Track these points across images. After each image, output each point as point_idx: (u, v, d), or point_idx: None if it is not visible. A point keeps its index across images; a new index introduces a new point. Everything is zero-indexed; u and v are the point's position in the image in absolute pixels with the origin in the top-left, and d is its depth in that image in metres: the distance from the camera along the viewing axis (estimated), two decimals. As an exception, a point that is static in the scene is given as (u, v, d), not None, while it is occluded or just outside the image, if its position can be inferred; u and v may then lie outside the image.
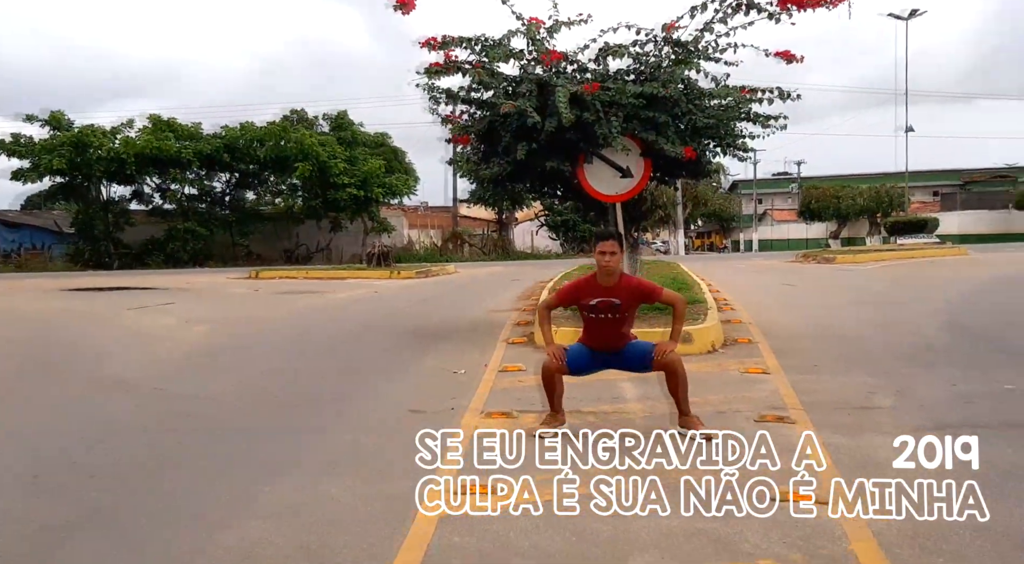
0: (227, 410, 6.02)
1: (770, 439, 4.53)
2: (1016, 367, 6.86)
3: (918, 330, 9.25)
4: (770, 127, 8.89)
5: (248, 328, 11.27)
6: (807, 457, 4.29)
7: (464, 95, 9.02)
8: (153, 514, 3.79)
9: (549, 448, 4.52)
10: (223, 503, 3.90)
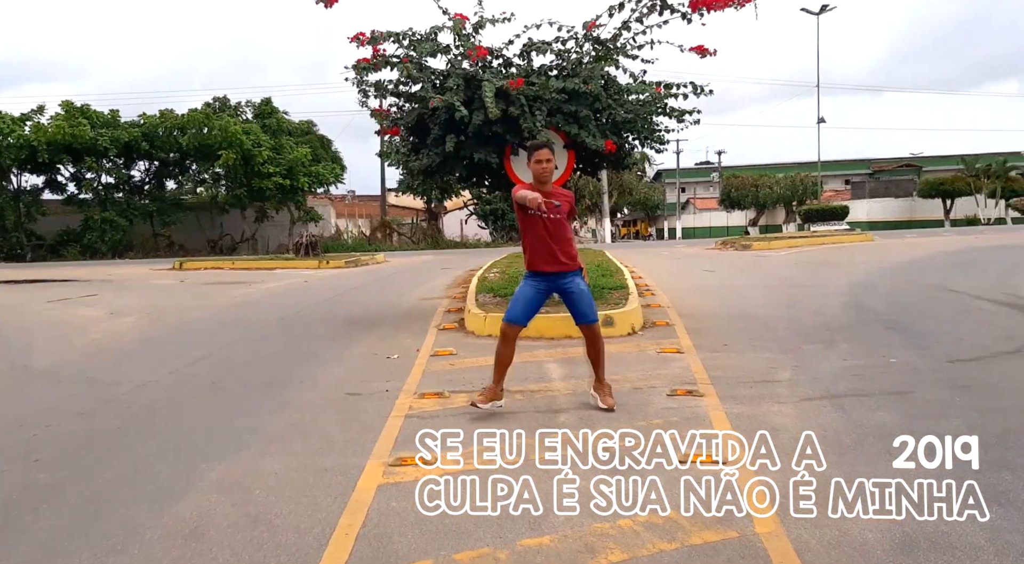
0: (164, 396, 6.17)
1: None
2: (902, 343, 7.54)
3: (820, 310, 9.96)
4: (684, 121, 9.41)
5: (177, 318, 11.27)
6: (711, 426, 4.79)
7: (393, 89, 9.26)
8: (103, 491, 4.00)
9: (482, 425, 4.91)
10: (170, 479, 4.12)
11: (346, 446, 4.59)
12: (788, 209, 59.30)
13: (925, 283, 13.01)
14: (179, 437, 4.96)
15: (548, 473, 3.99)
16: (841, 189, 67.43)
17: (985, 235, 30.85)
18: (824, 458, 4.10)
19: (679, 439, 4.53)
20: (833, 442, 4.43)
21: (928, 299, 11.06)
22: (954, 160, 58.93)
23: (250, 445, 4.70)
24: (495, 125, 8.57)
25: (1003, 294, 11.14)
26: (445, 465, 4.15)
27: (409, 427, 4.93)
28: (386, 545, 3.25)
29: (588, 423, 4.94)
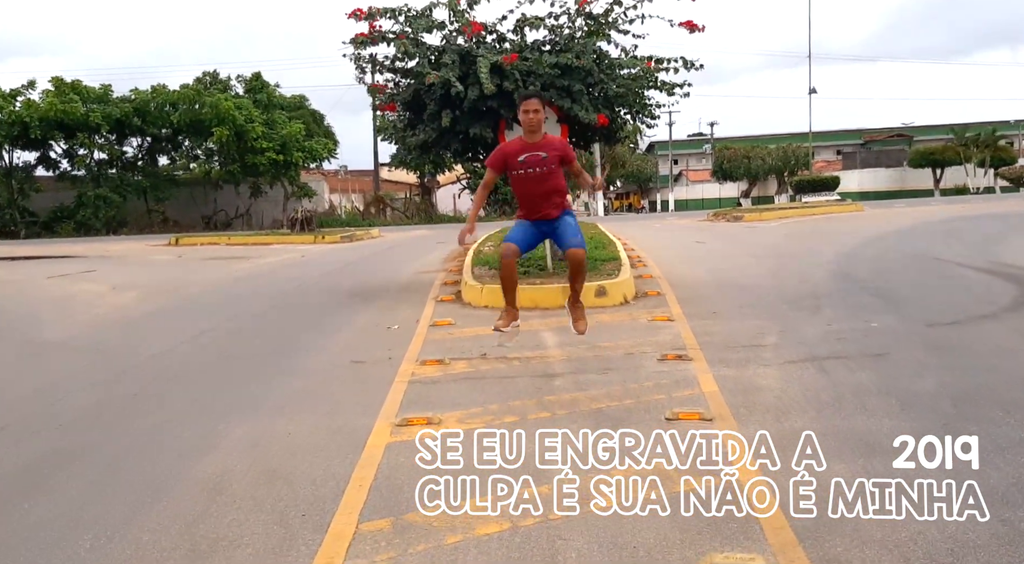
0: (175, 365, 6.43)
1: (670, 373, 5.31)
2: (884, 309, 7.83)
3: (807, 278, 10.25)
4: (675, 95, 9.61)
5: (180, 293, 11.48)
6: (699, 387, 5.08)
7: (389, 64, 9.43)
8: (127, 452, 4.26)
9: (483, 386, 5.18)
10: (191, 440, 4.39)
11: (354, 408, 4.86)
12: (780, 180, 59.47)
13: (910, 252, 13.31)
14: (195, 402, 5.23)
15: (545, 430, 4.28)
16: (833, 160, 67.53)
17: (973, 204, 31.14)
18: (804, 414, 4.41)
19: (669, 400, 4.83)
20: (813, 400, 4.72)
21: (912, 267, 11.34)
22: (944, 130, 59.13)
23: (264, 408, 4.97)
24: (490, 100, 8.76)
25: (985, 262, 11.44)
26: (449, 426, 4.43)
27: (413, 391, 5.20)
28: (396, 495, 3.52)
29: (582, 386, 5.22)
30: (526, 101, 5.19)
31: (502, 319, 5.42)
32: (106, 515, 3.46)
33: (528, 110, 5.15)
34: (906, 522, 3.10)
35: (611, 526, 3.12)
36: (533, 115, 5.15)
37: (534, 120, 5.16)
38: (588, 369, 5.67)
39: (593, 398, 4.92)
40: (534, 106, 5.16)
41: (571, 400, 4.88)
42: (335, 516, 3.33)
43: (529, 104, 5.16)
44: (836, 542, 3.04)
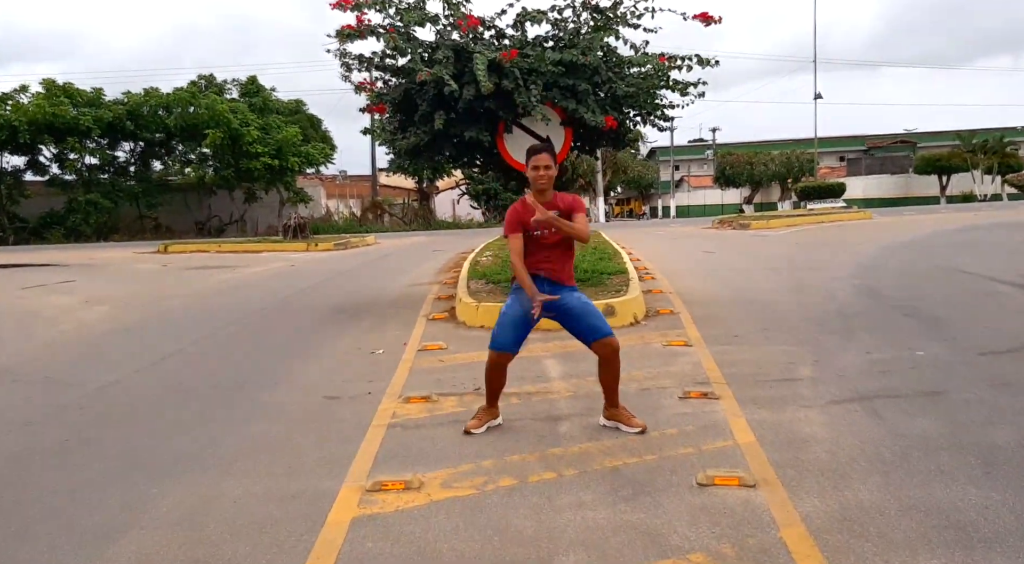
0: (123, 401, 5.60)
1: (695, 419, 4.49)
2: (924, 333, 7.01)
3: (831, 295, 9.42)
4: (689, 95, 8.80)
5: (153, 307, 10.67)
6: (732, 437, 4.25)
7: (378, 62, 8.62)
8: (29, 526, 3.43)
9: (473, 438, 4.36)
10: (112, 510, 3.56)
11: (319, 465, 4.03)
12: (783, 186, 58.70)
13: (935, 264, 12.48)
14: (131, 454, 4.40)
15: (551, 502, 3.46)
16: (836, 166, 66.82)
17: (983, 212, 30.37)
18: (868, 479, 3.59)
19: (699, 454, 4.01)
20: (874, 457, 3.89)
21: (942, 282, 10.53)
22: (948, 136, 58.38)
23: (210, 464, 4.14)
24: (487, 100, 7.96)
25: (1018, 276, 10.62)
26: (431, 491, 3.61)
27: (391, 440, 4.38)
28: (359, 600, 2.70)
29: (593, 435, 4.40)
30: (536, 156, 4.37)
31: (477, 419, 4.51)
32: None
33: (539, 166, 4.34)
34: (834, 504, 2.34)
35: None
36: (544, 172, 4.34)
37: (545, 178, 4.36)
38: (599, 410, 4.82)
39: (607, 451, 4.10)
40: (545, 161, 4.35)
41: (581, 454, 4.06)
42: (272, 638, 2.50)
43: (540, 159, 4.36)
44: None
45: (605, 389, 4.48)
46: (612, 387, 4.45)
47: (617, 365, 4.40)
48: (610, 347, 4.34)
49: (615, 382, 4.44)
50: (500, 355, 4.39)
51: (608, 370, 4.41)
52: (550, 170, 4.35)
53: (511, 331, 4.38)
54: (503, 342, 4.38)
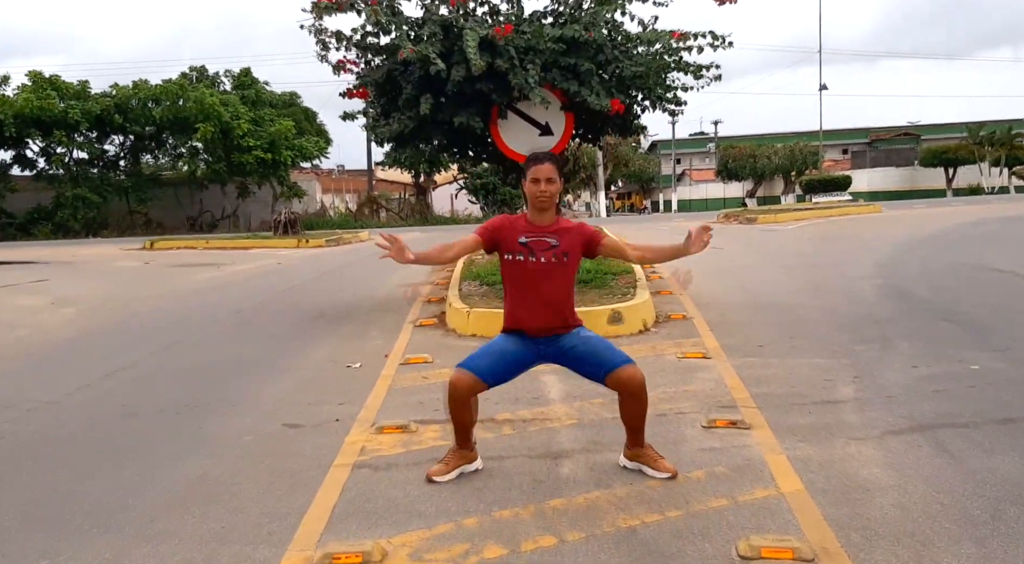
0: (51, 429, 4.79)
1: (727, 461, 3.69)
2: (970, 341, 6.22)
3: (857, 297, 8.63)
4: (703, 77, 7.97)
5: (123, 311, 9.86)
6: (774, 483, 3.45)
7: (359, 40, 7.80)
8: None
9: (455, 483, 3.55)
10: (-13, 593, 2.77)
11: (260, 523, 3.23)
12: (787, 180, 57.77)
13: (961, 261, 11.67)
14: (42, 499, 3.60)
15: (550, 585, 2.66)
16: (840, 159, 65.90)
17: (994, 205, 29.49)
18: (956, 548, 2.78)
19: (735, 507, 3.21)
20: (957, 515, 3.09)
21: (973, 281, 9.72)
22: (953, 128, 57.49)
23: (128, 518, 3.34)
24: (479, 82, 7.16)
25: (1055, 274, 9.83)
26: None
27: (355, 486, 3.58)
28: None
29: (603, 478, 3.60)
30: (537, 165, 3.48)
31: (444, 463, 3.61)
32: None
33: (539, 179, 3.46)
34: None
35: None
36: (546, 187, 3.47)
37: (547, 194, 3.49)
38: (608, 443, 4.04)
39: (620, 503, 3.30)
40: (547, 174, 3.46)
41: (588, 508, 3.26)
42: None
43: (542, 171, 3.46)
44: None
45: (628, 427, 3.59)
46: (638, 426, 3.56)
47: (644, 400, 3.49)
48: (633, 380, 3.43)
49: (641, 420, 3.55)
50: (462, 376, 3.45)
51: (634, 406, 3.49)
52: (553, 185, 3.47)
53: (495, 361, 3.52)
54: (477, 364, 3.49)
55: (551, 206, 3.54)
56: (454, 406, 3.49)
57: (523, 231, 3.54)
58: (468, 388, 3.45)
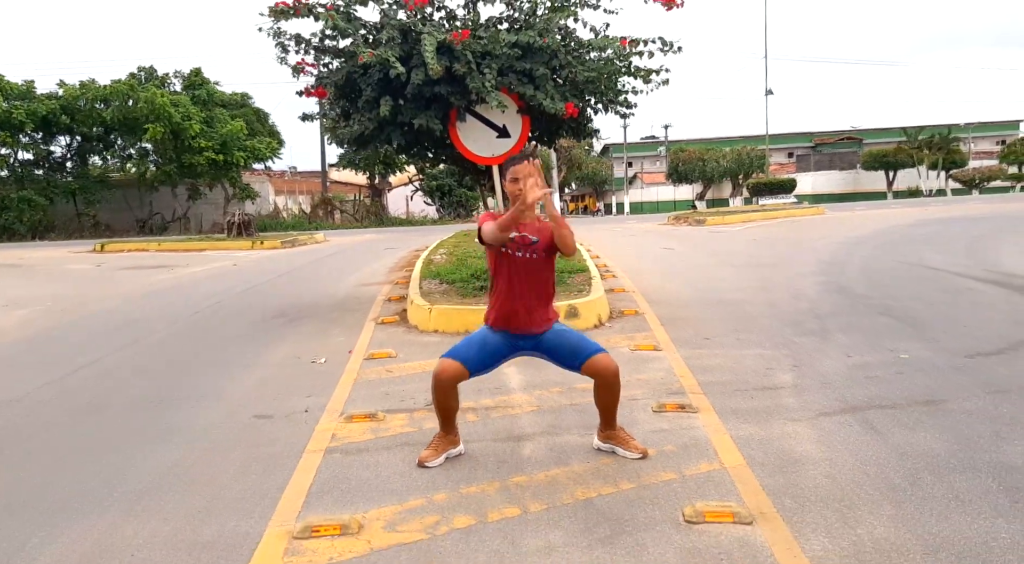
0: (21, 423, 4.88)
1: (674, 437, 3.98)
2: (903, 333, 6.64)
3: (800, 293, 9.06)
4: (652, 82, 8.30)
5: (77, 312, 9.82)
6: (718, 458, 3.75)
7: (317, 43, 7.95)
8: None
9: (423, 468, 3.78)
10: (-20, 570, 2.91)
11: (240, 502, 3.42)
12: (735, 183, 59.03)
13: (898, 260, 12.25)
14: (17, 490, 3.72)
15: (514, 546, 2.91)
16: (785, 162, 67.53)
17: (931, 207, 30.63)
18: (878, 510, 3.11)
19: (681, 479, 3.50)
20: (880, 482, 3.42)
21: (910, 278, 10.24)
22: (894, 132, 59.36)
23: (112, 501, 3.49)
24: (437, 85, 7.36)
25: (984, 271, 10.42)
26: (372, 536, 3.03)
27: (329, 469, 3.78)
28: None
29: (562, 456, 3.86)
30: (516, 167, 3.68)
31: (432, 448, 3.84)
32: None
33: (518, 177, 3.65)
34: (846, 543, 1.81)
35: None
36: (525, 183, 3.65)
37: None
38: (566, 427, 4.32)
39: (578, 478, 3.57)
40: (528, 171, 3.63)
41: (548, 483, 3.51)
42: None
43: (520, 169, 3.65)
44: None
45: (602, 411, 3.86)
46: (610, 410, 3.83)
47: (617, 386, 3.77)
48: (608, 370, 3.70)
49: (614, 404, 3.82)
50: (448, 364, 3.67)
51: (607, 394, 3.78)
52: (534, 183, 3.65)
53: (478, 350, 3.75)
54: (462, 353, 3.72)
55: (532, 205, 3.72)
56: (440, 394, 3.72)
57: None
58: (453, 376, 3.68)
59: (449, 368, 3.68)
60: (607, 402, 3.80)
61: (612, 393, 3.77)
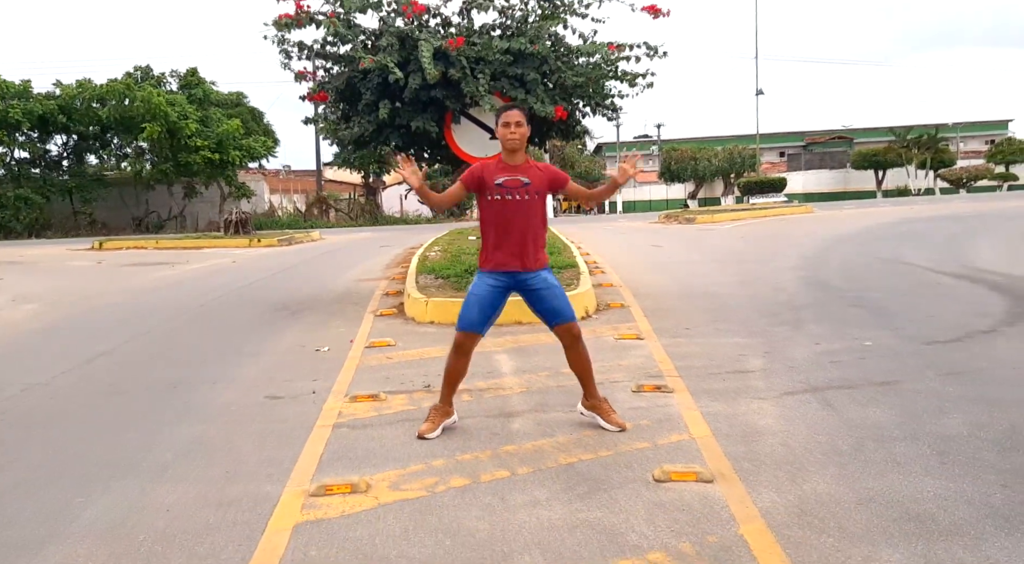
0: (49, 404, 5.28)
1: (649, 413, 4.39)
2: (871, 323, 7.08)
3: (779, 287, 9.50)
4: (638, 85, 8.73)
5: (85, 306, 10.20)
6: (687, 430, 4.17)
7: (319, 49, 8.36)
8: (-58, 543, 3.16)
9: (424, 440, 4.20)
10: (32, 521, 3.30)
11: (259, 468, 3.83)
12: (726, 182, 59.57)
13: (877, 256, 12.72)
14: (56, 460, 4.12)
15: (504, 501, 3.33)
16: (777, 161, 68.09)
17: (918, 206, 31.16)
18: (824, 470, 3.54)
19: (654, 448, 3.92)
20: (829, 448, 3.85)
21: (885, 273, 10.70)
22: (884, 132, 59.94)
23: (142, 469, 3.90)
24: (434, 89, 7.78)
25: (957, 266, 10.88)
26: (379, 493, 3.44)
27: (337, 440, 4.19)
28: (301, 614, 2.52)
29: (548, 429, 4.28)
30: (506, 113, 4.16)
31: (430, 422, 4.22)
32: None
33: (509, 123, 4.10)
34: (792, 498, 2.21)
35: None
36: (515, 129, 4.11)
37: (516, 136, 4.12)
38: (552, 405, 4.73)
39: (561, 447, 3.98)
40: (516, 117, 4.12)
41: (535, 451, 3.93)
42: (206, 658, 2.31)
43: (510, 115, 4.13)
44: None
45: (579, 378, 4.32)
46: (586, 376, 4.28)
47: (583, 352, 4.24)
48: (570, 333, 4.19)
49: (588, 371, 4.27)
50: (467, 336, 4.15)
51: (575, 357, 4.25)
52: (521, 127, 4.13)
53: (477, 310, 4.18)
54: (471, 320, 4.16)
55: (521, 147, 4.17)
56: (455, 365, 4.21)
57: (498, 172, 4.18)
58: (472, 342, 4.20)
59: (467, 337, 4.16)
60: (579, 368, 4.27)
61: (580, 358, 4.24)
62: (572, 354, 4.25)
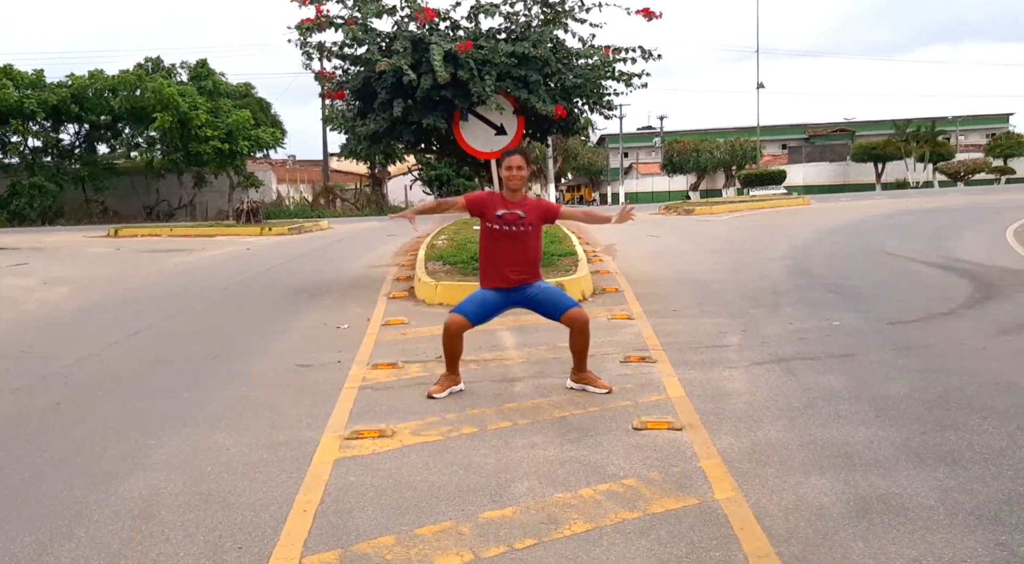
0: (104, 371, 5.96)
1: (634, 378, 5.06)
2: (844, 306, 7.74)
3: (765, 274, 10.15)
4: (633, 86, 9.37)
5: (115, 288, 10.89)
6: (665, 392, 4.84)
7: (338, 51, 9.00)
8: (43, 472, 3.84)
9: (434, 393, 4.87)
10: (115, 458, 3.98)
11: (299, 419, 4.51)
12: (728, 174, 60.13)
13: (862, 247, 13.36)
14: (122, 414, 4.80)
15: (507, 444, 4.00)
16: (778, 154, 68.55)
17: (914, 199, 31.78)
18: (776, 422, 4.20)
19: (635, 406, 4.58)
20: (784, 406, 4.52)
21: (867, 262, 11.35)
22: (886, 125, 60.36)
23: (198, 420, 4.58)
24: (444, 89, 8.41)
25: (937, 257, 11.51)
26: (403, 438, 4.11)
27: (364, 399, 4.87)
28: (346, 522, 3.19)
29: (544, 391, 4.95)
30: (510, 157, 4.87)
31: (439, 384, 4.89)
32: (14, 546, 3.06)
33: (512, 167, 4.83)
34: (898, 549, 2.84)
35: (582, 555, 2.84)
36: (517, 172, 4.83)
37: (517, 178, 4.84)
38: (549, 372, 5.40)
39: (556, 404, 4.66)
40: (518, 163, 4.84)
41: (533, 408, 4.61)
42: (276, 548, 2.98)
43: (513, 160, 4.85)
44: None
45: (575, 355, 4.92)
46: (582, 354, 4.89)
47: (587, 334, 4.84)
48: (578, 320, 4.78)
49: (585, 350, 4.88)
50: (456, 318, 4.74)
51: (579, 339, 4.84)
52: (522, 171, 4.85)
53: (478, 306, 4.82)
54: (466, 309, 4.81)
55: (521, 187, 4.88)
56: (449, 341, 4.81)
57: (500, 206, 4.86)
58: (459, 327, 4.79)
59: (455, 321, 4.78)
60: (579, 347, 4.88)
61: (583, 339, 4.85)
62: (578, 337, 4.84)
